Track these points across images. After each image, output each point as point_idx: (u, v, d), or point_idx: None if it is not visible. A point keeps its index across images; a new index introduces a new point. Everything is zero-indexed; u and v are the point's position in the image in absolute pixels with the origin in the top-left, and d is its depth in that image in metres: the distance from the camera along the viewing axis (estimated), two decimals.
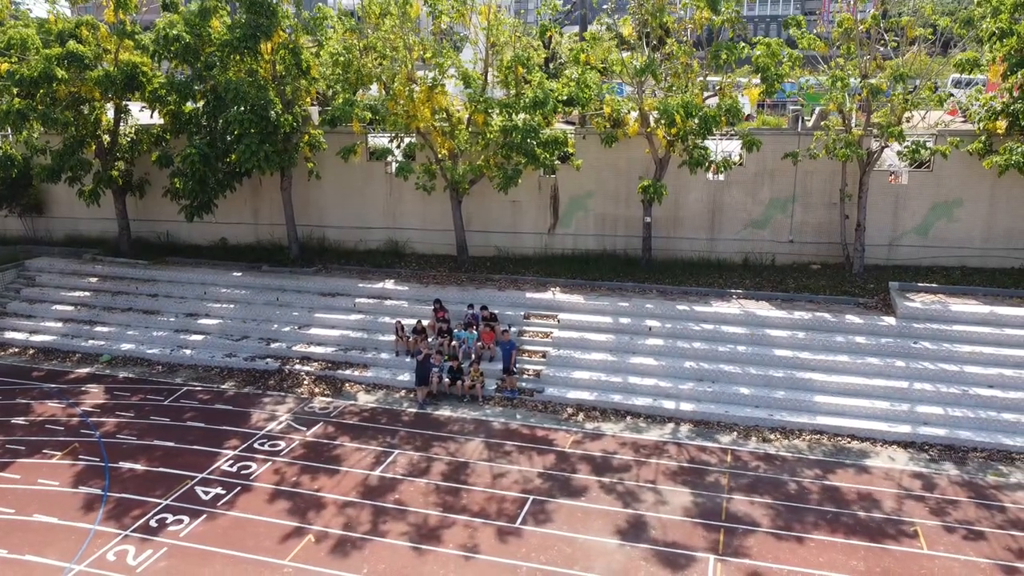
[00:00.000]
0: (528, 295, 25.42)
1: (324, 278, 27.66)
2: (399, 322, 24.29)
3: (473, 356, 22.94)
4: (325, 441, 19.81)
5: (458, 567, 14.74)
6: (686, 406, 20.92)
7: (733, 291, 25.02)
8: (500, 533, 15.79)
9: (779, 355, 21.99)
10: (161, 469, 18.40)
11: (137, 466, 18.58)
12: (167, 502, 17.00)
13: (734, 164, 25.99)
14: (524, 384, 22.35)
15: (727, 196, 27.14)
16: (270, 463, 18.67)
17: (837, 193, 25.73)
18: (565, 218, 28.49)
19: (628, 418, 20.85)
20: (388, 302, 26.04)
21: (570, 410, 21.33)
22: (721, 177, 27.01)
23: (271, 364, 24.30)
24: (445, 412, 21.40)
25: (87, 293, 28.81)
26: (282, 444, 19.65)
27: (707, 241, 27.58)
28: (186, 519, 16.35)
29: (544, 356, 23.26)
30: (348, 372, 23.60)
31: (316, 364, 24.14)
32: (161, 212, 31.52)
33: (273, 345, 25.14)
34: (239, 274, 28.45)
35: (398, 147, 26.54)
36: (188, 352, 25.33)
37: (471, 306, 24.42)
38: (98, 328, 27.07)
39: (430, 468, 18.37)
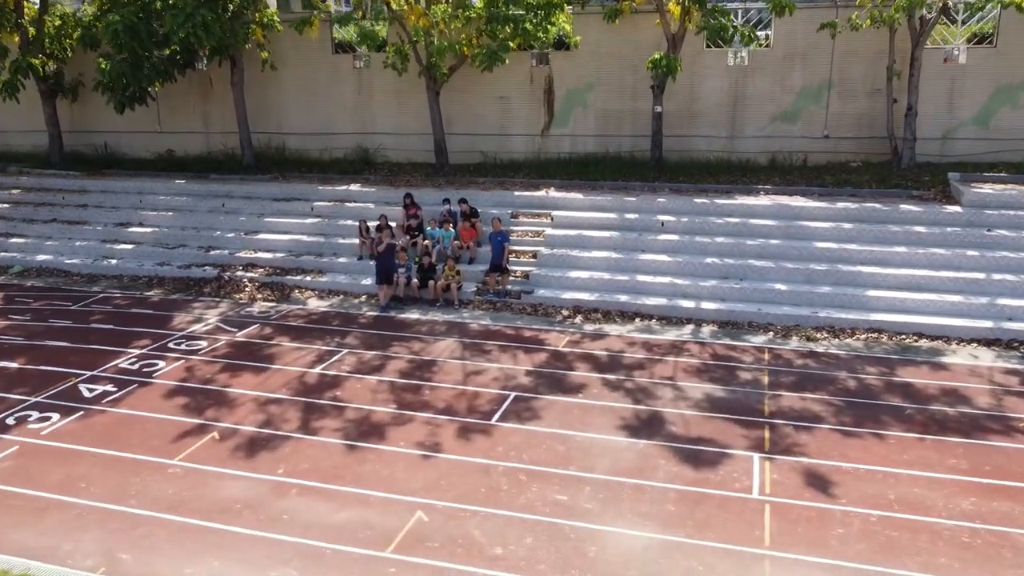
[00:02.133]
0: (517, 194, 21.41)
1: (280, 184, 23.69)
2: (363, 222, 20.27)
3: (449, 254, 18.94)
4: (258, 341, 15.82)
5: (410, 466, 10.75)
6: (708, 305, 16.93)
7: (761, 187, 21.07)
8: (468, 430, 11.80)
9: (821, 248, 17.99)
10: (42, 367, 14.41)
11: (12, 364, 14.60)
12: (36, 399, 13.01)
13: (760, 44, 22.03)
14: (510, 287, 18.38)
15: (751, 85, 23.07)
16: (183, 361, 14.69)
17: (880, 77, 21.73)
18: (561, 116, 24.42)
19: (637, 320, 16.86)
20: (351, 204, 22.02)
21: (566, 312, 17.33)
22: (744, 61, 22.99)
23: (209, 272, 20.31)
24: (413, 315, 17.44)
25: (6, 205, 24.76)
26: (203, 344, 15.66)
27: (727, 139, 23.50)
28: (56, 416, 12.37)
29: (535, 256, 19.25)
30: (299, 278, 19.60)
31: (262, 270, 20.17)
32: (99, 122, 27.55)
33: (213, 252, 21.12)
34: (182, 182, 24.44)
35: (362, 18, 22.48)
36: (114, 262, 21.33)
37: (447, 201, 20.40)
38: (13, 240, 23.07)
39: (385, 366, 14.38)
